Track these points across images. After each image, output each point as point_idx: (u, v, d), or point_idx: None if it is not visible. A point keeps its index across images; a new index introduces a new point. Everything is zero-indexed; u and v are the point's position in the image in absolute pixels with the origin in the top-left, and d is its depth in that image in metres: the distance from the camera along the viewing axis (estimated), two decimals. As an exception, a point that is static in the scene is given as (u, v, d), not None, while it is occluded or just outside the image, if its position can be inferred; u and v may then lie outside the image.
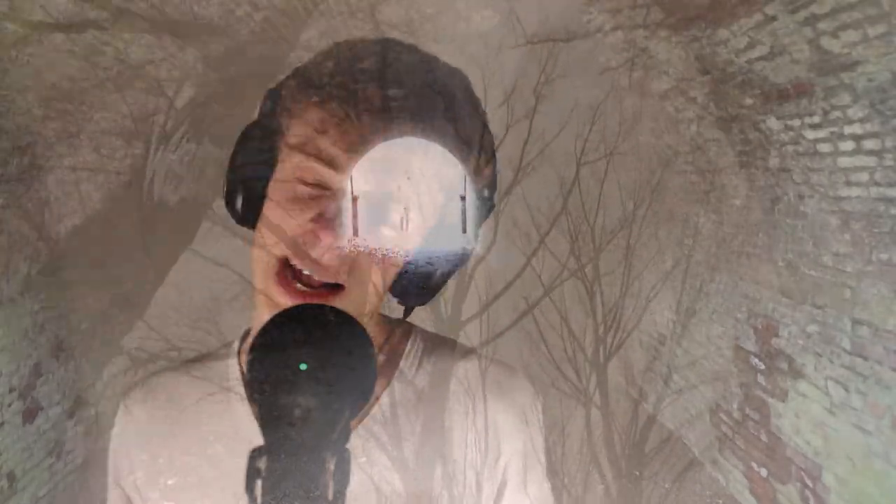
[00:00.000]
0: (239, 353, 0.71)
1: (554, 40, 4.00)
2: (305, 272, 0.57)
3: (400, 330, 0.73)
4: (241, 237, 3.20)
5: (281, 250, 0.58)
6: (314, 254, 0.57)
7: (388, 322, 0.71)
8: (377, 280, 0.60)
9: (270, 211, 0.60)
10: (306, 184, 0.58)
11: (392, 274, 0.61)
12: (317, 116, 0.58)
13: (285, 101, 0.62)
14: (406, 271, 0.62)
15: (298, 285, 0.58)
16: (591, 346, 4.74)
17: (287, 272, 0.58)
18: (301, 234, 0.57)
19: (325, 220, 0.56)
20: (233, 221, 0.64)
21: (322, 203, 0.57)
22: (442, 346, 0.73)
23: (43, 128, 2.75)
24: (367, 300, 0.61)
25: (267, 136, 0.62)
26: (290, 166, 0.59)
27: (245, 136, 0.63)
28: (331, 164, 0.57)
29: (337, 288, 0.58)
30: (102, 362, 3.58)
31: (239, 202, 0.62)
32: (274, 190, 0.60)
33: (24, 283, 2.95)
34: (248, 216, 0.63)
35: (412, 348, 0.71)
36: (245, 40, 3.32)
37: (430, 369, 0.70)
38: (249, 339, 0.69)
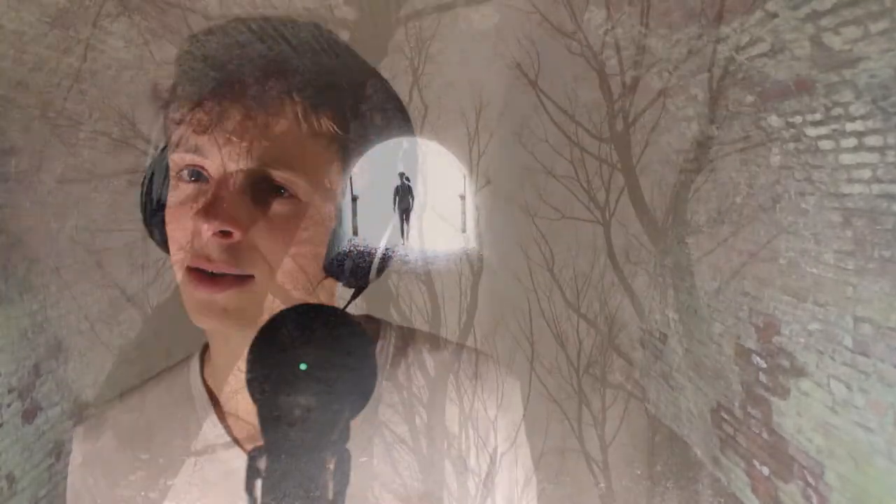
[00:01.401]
0: (202, 365, 0.69)
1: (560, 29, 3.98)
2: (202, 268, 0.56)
3: (369, 327, 0.71)
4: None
5: (183, 258, 0.56)
6: (204, 250, 0.55)
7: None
8: (291, 267, 0.58)
9: (168, 226, 0.59)
10: (190, 182, 0.57)
11: (308, 256, 0.59)
12: (174, 114, 0.57)
13: (165, 118, 0.61)
14: (338, 253, 0.60)
15: (207, 274, 0.56)
16: (590, 347, 4.75)
17: (190, 272, 0.56)
18: (188, 233, 0.56)
19: (202, 210, 0.54)
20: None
21: (201, 196, 0.56)
22: (417, 338, 0.72)
23: (41, 127, 2.74)
24: (287, 287, 0.58)
25: (157, 156, 0.63)
26: (173, 172, 0.58)
27: (150, 166, 0.64)
28: (196, 150, 0.56)
29: (247, 278, 0.56)
30: (102, 363, 3.57)
31: (155, 232, 0.62)
32: (168, 206, 0.59)
33: (24, 284, 2.94)
34: (163, 240, 0.62)
35: (383, 344, 0.70)
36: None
37: (407, 363, 0.69)
38: (210, 352, 0.68)
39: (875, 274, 2.44)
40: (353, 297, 0.66)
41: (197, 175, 0.57)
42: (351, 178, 0.60)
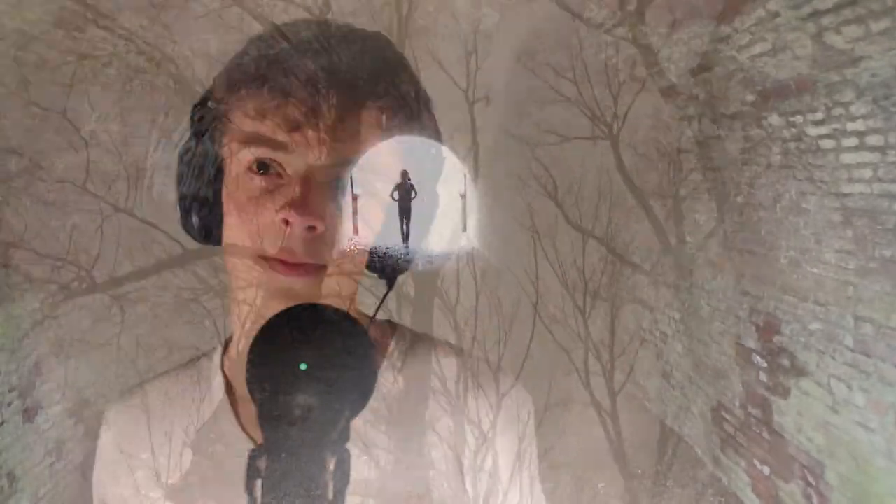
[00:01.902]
0: (223, 359, 0.70)
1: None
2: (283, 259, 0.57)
3: (382, 328, 0.72)
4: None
5: (255, 250, 0.58)
6: (284, 243, 0.56)
7: (368, 319, 0.70)
8: (352, 258, 0.61)
9: (231, 218, 0.60)
10: (259, 175, 0.58)
11: (363, 250, 0.62)
12: (252, 106, 0.58)
13: (217, 110, 0.62)
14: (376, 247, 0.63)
15: (287, 263, 0.58)
16: (591, 347, 4.74)
17: (269, 261, 0.58)
18: (269, 227, 0.57)
19: (291, 205, 0.55)
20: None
21: (283, 192, 0.57)
22: (427, 344, 0.72)
23: (42, 126, 2.74)
24: (350, 279, 0.61)
25: (205, 149, 0.62)
26: (239, 166, 0.59)
27: (184, 156, 0.64)
28: (279, 146, 0.57)
29: (321, 267, 0.58)
30: (103, 362, 3.58)
31: (196, 221, 0.63)
32: (228, 197, 0.60)
33: (25, 282, 2.94)
34: (209, 234, 0.63)
35: (396, 346, 0.70)
36: (245, 38, 3.31)
37: (416, 367, 0.70)
38: (232, 346, 0.69)
39: (876, 273, 2.44)
40: (388, 290, 0.67)
41: (265, 168, 0.58)
42: (351, 177, 0.60)
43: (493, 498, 0.69)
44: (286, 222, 0.56)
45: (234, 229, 0.60)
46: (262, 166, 0.58)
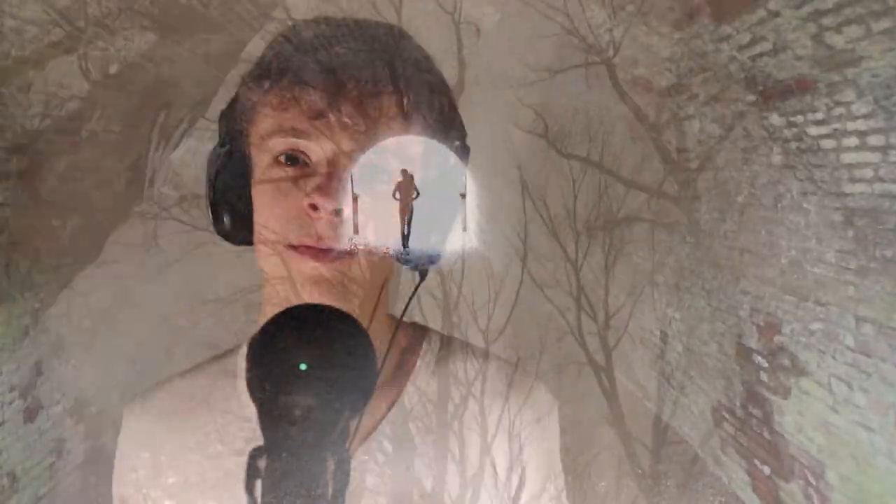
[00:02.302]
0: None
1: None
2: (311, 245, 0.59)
3: (414, 332, 0.73)
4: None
5: (285, 239, 0.59)
6: (314, 229, 0.58)
7: (397, 323, 0.71)
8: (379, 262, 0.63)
9: (261, 213, 0.62)
10: (286, 167, 0.60)
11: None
12: (275, 100, 0.60)
13: (243, 110, 0.63)
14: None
15: (315, 250, 0.59)
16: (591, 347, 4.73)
17: (297, 248, 0.59)
18: (297, 215, 0.58)
19: (317, 190, 0.57)
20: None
21: (310, 180, 0.59)
22: (457, 348, 0.73)
23: (43, 126, 2.74)
24: (379, 266, 0.63)
25: (234, 150, 0.64)
26: (265, 159, 0.61)
27: (213, 161, 0.65)
28: (302, 134, 0.59)
29: (349, 253, 0.60)
30: (104, 361, 3.58)
31: (227, 222, 0.65)
32: (258, 192, 0.62)
33: (25, 282, 2.95)
34: (240, 235, 0.65)
35: (428, 349, 0.71)
36: (246, 38, 3.32)
37: (446, 372, 0.70)
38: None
39: (877, 273, 2.44)
40: (420, 282, 0.67)
41: (293, 160, 0.60)
42: (352, 176, 0.60)
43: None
44: (314, 207, 0.58)
45: (264, 222, 0.61)
46: (290, 158, 0.60)
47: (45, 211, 2.99)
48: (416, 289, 0.67)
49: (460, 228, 0.66)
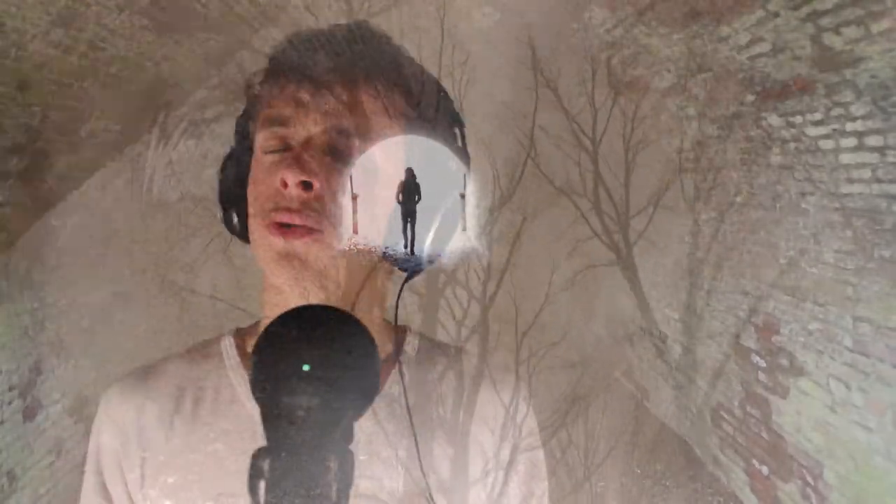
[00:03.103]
0: (245, 338, 0.73)
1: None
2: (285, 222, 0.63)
3: (396, 332, 0.73)
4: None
5: (265, 219, 0.64)
6: (284, 201, 0.63)
7: (395, 331, 0.73)
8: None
9: (249, 197, 0.67)
10: (274, 154, 0.65)
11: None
12: (266, 94, 0.67)
13: (251, 110, 0.70)
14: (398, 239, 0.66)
15: (283, 227, 0.62)
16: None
17: (272, 225, 0.64)
18: (274, 193, 0.63)
19: (287, 163, 0.62)
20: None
21: (284, 160, 0.63)
22: (437, 348, 0.75)
23: (43, 125, 2.74)
24: (355, 257, 0.64)
25: (240, 151, 0.70)
26: (257, 148, 0.67)
27: (227, 161, 0.72)
28: (283, 123, 0.65)
29: (317, 231, 0.62)
30: (103, 360, 3.58)
31: (235, 219, 0.70)
32: (251, 180, 0.67)
33: (25, 282, 2.94)
34: (246, 229, 0.69)
35: (409, 349, 0.73)
36: (246, 38, 3.31)
37: (426, 370, 0.71)
38: (260, 328, 0.70)
39: (875, 274, 2.44)
40: (406, 279, 0.69)
41: (283, 149, 0.65)
42: (351, 177, 0.62)
43: (500, 497, 0.70)
44: (284, 184, 0.62)
45: (253, 206, 0.66)
46: (281, 148, 0.65)
47: (45, 210, 2.99)
48: (401, 288, 0.70)
49: (459, 228, 0.66)
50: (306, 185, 0.62)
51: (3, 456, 2.75)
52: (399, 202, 0.63)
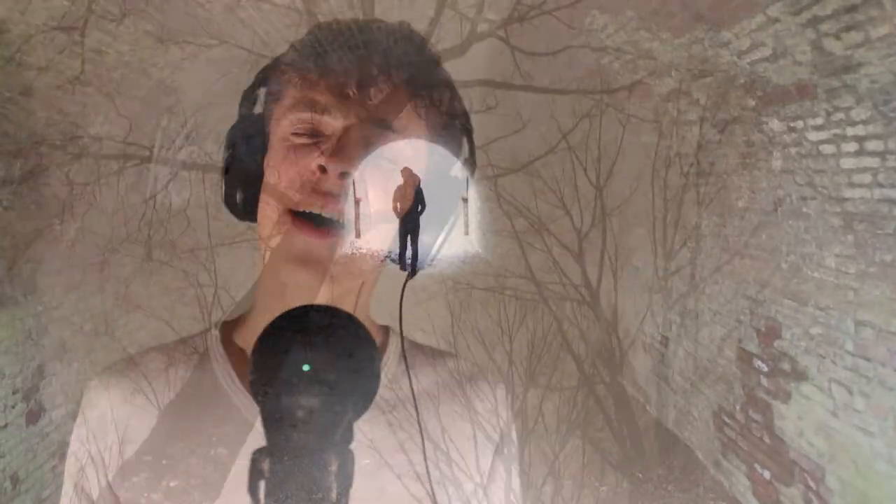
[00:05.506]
0: (233, 333, 0.72)
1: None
2: (314, 212, 0.61)
3: (383, 337, 0.74)
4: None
5: (291, 201, 0.62)
6: (320, 188, 0.62)
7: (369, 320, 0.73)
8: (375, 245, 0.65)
9: (269, 178, 0.65)
10: (302, 136, 0.63)
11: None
12: (300, 80, 0.65)
13: (272, 90, 0.68)
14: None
15: (311, 224, 0.62)
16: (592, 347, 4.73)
17: (296, 220, 0.62)
18: (306, 175, 0.62)
19: (330, 153, 0.62)
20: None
21: (323, 146, 0.62)
22: (418, 349, 0.75)
23: (47, 130, 2.75)
24: (366, 262, 0.64)
25: (252, 127, 0.68)
26: (281, 130, 0.65)
27: (232, 137, 0.69)
28: (323, 110, 0.63)
29: (339, 227, 0.62)
30: (106, 364, 3.58)
31: (239, 196, 0.68)
32: (272, 158, 0.65)
33: (28, 285, 2.95)
34: (249, 208, 0.67)
35: (391, 349, 0.72)
36: (248, 43, 3.32)
37: (406, 370, 0.71)
38: (253, 317, 0.70)
39: (876, 278, 2.44)
40: (407, 279, 0.69)
41: (309, 134, 0.64)
42: (353, 181, 0.62)
43: (483, 494, 0.70)
44: (322, 169, 0.61)
45: (273, 183, 0.65)
46: (306, 131, 0.64)
47: (48, 215, 3.00)
48: (402, 288, 0.69)
49: (462, 232, 0.67)
50: (344, 176, 0.61)
51: (7, 459, 2.76)
52: (397, 213, 0.63)
